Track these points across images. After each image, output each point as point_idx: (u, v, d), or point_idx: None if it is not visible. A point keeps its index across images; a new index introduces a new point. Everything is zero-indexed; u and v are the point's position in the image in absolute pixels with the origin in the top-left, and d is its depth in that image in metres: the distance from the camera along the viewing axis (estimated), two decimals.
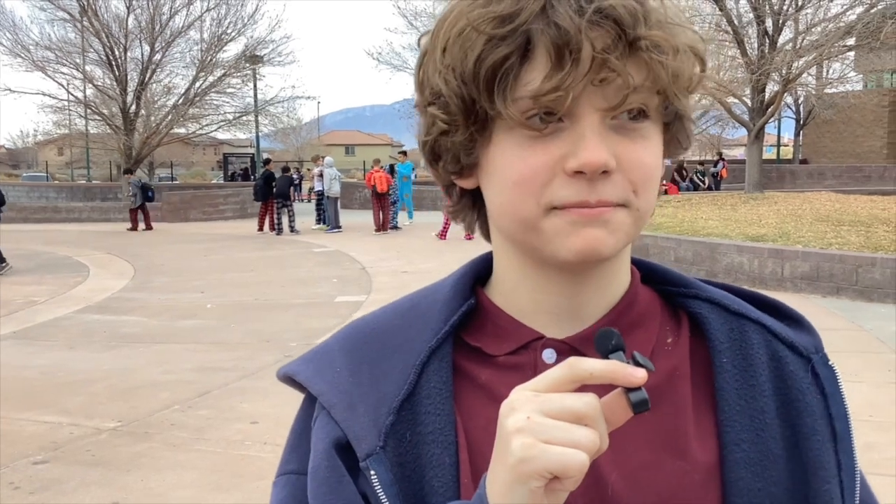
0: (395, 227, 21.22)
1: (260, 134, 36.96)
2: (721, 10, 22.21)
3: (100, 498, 4.81)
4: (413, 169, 24.48)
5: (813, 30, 22.06)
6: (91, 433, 5.91)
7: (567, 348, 0.83)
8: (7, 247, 15.16)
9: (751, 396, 0.84)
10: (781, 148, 49.95)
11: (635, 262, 0.92)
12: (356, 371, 0.85)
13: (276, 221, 21.28)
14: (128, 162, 29.94)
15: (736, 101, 23.71)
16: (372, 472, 0.79)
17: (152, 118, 31.07)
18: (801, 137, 44.41)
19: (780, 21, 21.89)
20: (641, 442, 0.81)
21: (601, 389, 0.68)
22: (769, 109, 22.36)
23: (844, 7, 21.89)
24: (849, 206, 17.53)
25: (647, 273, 0.93)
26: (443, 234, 18.22)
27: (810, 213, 16.00)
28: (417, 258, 15.20)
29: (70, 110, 33.71)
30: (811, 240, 11.99)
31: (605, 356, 0.68)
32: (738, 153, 50.17)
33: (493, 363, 0.85)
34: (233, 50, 36.39)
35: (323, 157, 22.97)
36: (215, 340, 8.95)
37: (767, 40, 21.84)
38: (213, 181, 44.88)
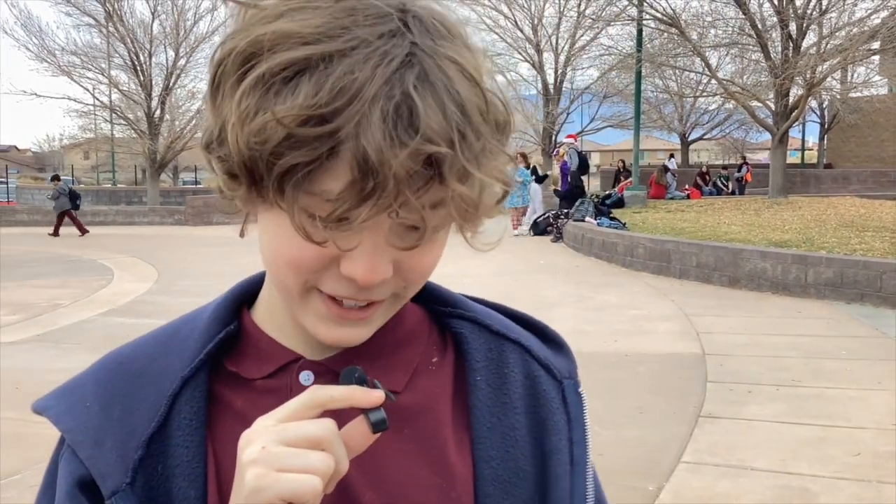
0: None
1: None
2: (745, 14, 22.07)
3: None
4: None
5: (837, 34, 21.87)
6: None
7: (324, 370, 0.83)
8: (32, 250, 15.30)
9: (503, 413, 0.85)
10: (806, 152, 49.57)
11: None
12: (107, 405, 0.83)
13: None
14: (152, 165, 30.20)
15: (759, 105, 23.55)
16: None
17: (176, 122, 31.34)
18: (825, 142, 44.03)
19: (804, 25, 21.73)
20: (400, 460, 0.82)
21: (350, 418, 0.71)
22: (793, 114, 22.18)
23: (869, 11, 21.69)
24: (874, 211, 17.36)
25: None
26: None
27: (834, 219, 15.86)
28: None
29: (95, 115, 34.10)
30: (835, 245, 11.89)
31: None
32: (762, 157, 49.84)
33: (250, 387, 0.84)
34: None
35: None
36: None
37: (791, 44, 21.68)
38: None
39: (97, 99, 32.20)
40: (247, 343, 0.86)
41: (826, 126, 42.47)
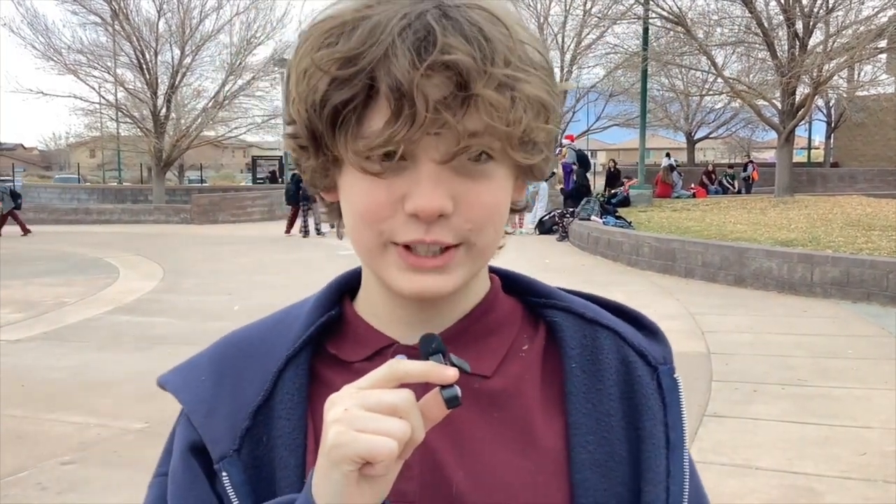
0: None
1: None
2: (751, 12, 22.03)
3: (126, 499, 4.85)
4: None
5: (844, 32, 21.81)
6: (118, 434, 5.97)
7: (417, 354, 0.85)
8: (38, 248, 15.33)
9: (598, 400, 0.88)
10: (812, 151, 49.44)
11: (497, 272, 0.97)
12: (220, 380, 0.91)
13: (303, 224, 21.41)
14: (158, 164, 30.24)
15: (766, 103, 23.51)
16: (224, 474, 0.85)
17: (182, 121, 31.34)
18: (831, 140, 43.93)
19: (811, 23, 21.69)
20: (489, 441, 0.85)
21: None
22: (799, 112, 22.14)
23: (876, 9, 21.65)
24: (880, 210, 17.31)
25: (511, 283, 0.97)
26: None
27: (841, 218, 15.82)
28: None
29: (101, 113, 34.10)
30: (841, 245, 11.86)
31: (426, 358, 0.75)
32: (768, 156, 49.75)
33: (349, 369, 0.90)
34: (262, 53, 36.82)
35: None
36: None
37: (798, 43, 21.64)
38: (242, 183, 45.18)
39: (103, 97, 32.24)
40: (346, 328, 0.93)
41: (832, 125, 42.36)
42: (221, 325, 9.90)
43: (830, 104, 40.75)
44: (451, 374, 0.72)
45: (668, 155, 33.33)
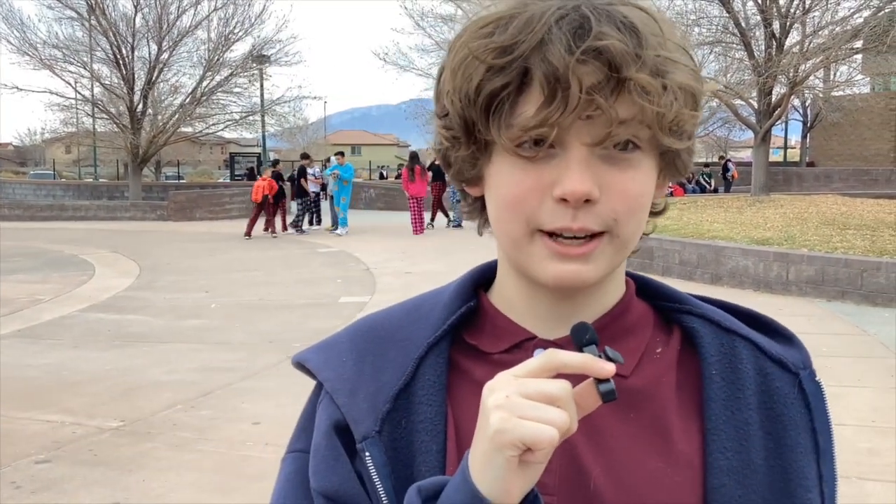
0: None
1: (266, 134, 36.97)
2: (728, 12, 22.15)
3: (101, 498, 4.81)
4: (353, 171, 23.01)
5: (820, 32, 21.97)
6: (93, 433, 5.92)
7: (557, 348, 0.85)
8: (13, 245, 15.19)
9: (737, 408, 0.88)
10: (788, 150, 49.82)
11: (632, 276, 0.98)
12: (360, 362, 0.92)
13: (298, 219, 21.42)
14: (135, 160, 30.00)
15: (742, 103, 23.65)
16: (367, 454, 0.86)
17: (159, 117, 31.08)
18: (807, 140, 44.27)
19: (788, 24, 21.83)
20: (625, 440, 0.86)
21: (576, 381, 0.75)
22: (776, 112, 22.28)
23: (852, 10, 21.82)
24: (855, 209, 17.47)
25: (642, 287, 0.99)
26: (418, 230, 19.84)
27: (816, 217, 15.95)
28: (422, 259, 15.20)
29: (77, 108, 33.74)
30: (817, 243, 11.95)
31: (580, 347, 0.76)
32: (745, 155, 50.09)
33: (488, 360, 0.91)
34: (240, 49, 36.46)
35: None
36: (219, 340, 8.96)
37: (774, 43, 21.78)
38: (219, 180, 44.93)
39: (79, 93, 31.86)
40: (484, 320, 0.94)
41: (809, 124, 42.71)
42: (198, 322, 9.90)
43: (806, 104, 41.08)
44: (609, 368, 0.73)
45: None
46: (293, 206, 23.01)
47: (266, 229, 21.24)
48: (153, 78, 30.43)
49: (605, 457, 0.85)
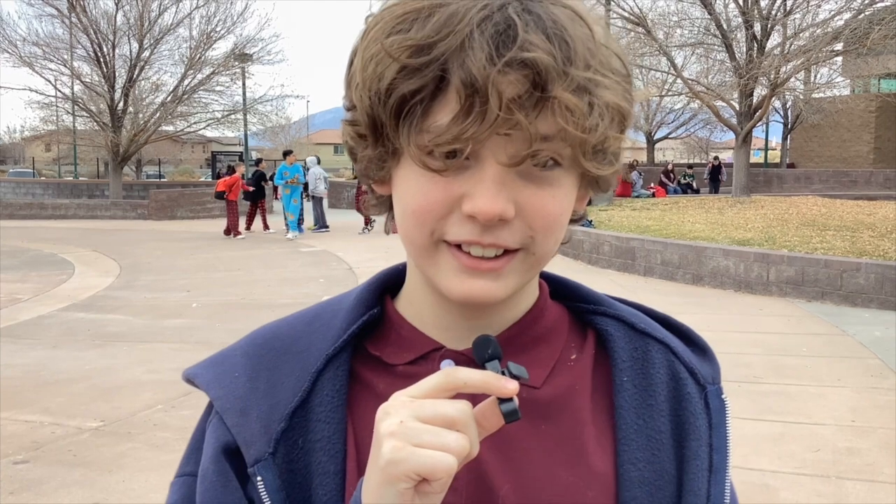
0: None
1: (248, 132, 36.87)
2: (710, 14, 22.28)
3: (81, 498, 4.78)
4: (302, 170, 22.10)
5: (801, 35, 22.15)
6: (73, 433, 5.87)
7: (465, 360, 0.82)
8: None
9: (649, 416, 0.85)
10: (769, 152, 50.13)
11: (546, 277, 0.93)
12: (254, 377, 0.86)
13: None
14: (115, 158, 29.83)
15: (724, 104, 23.78)
16: (259, 479, 0.81)
17: (140, 115, 30.92)
18: (788, 141, 44.58)
19: (769, 26, 21.99)
20: (537, 454, 0.82)
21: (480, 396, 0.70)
22: (757, 113, 22.44)
23: (832, 13, 21.99)
24: (835, 210, 17.61)
25: (557, 288, 0.93)
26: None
27: (796, 218, 16.06)
28: (405, 258, 15.15)
29: (57, 106, 33.52)
30: (797, 244, 12.04)
31: (482, 363, 0.71)
32: (726, 157, 50.39)
33: (392, 372, 0.86)
34: (222, 48, 36.44)
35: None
36: (200, 340, 8.91)
37: (756, 45, 21.94)
38: (201, 179, 44.75)
39: (59, 90, 31.69)
40: (388, 329, 0.89)
41: (789, 126, 43.00)
42: (179, 322, 9.84)
43: (787, 106, 41.41)
44: (512, 386, 0.68)
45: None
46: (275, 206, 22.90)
47: (247, 228, 21.18)
48: (134, 76, 30.30)
49: (516, 473, 0.81)
